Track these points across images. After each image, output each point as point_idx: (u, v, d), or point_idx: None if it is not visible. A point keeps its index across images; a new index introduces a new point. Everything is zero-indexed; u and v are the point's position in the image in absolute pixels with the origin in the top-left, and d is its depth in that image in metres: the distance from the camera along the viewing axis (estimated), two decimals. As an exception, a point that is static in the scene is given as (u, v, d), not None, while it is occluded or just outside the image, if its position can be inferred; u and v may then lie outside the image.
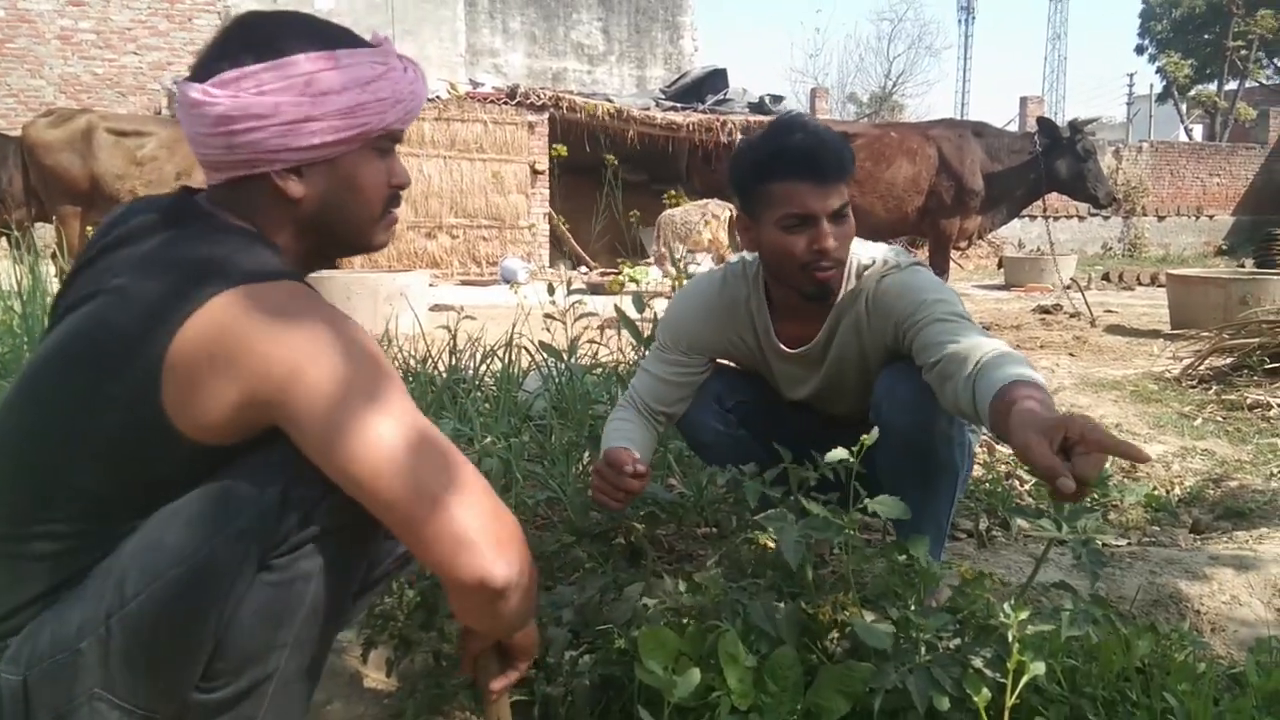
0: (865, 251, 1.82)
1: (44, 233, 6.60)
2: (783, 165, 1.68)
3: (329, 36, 1.11)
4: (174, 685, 0.99)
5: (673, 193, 4.48)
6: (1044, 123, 7.20)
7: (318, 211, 1.13)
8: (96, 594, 0.98)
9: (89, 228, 6.14)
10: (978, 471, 2.90)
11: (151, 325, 0.97)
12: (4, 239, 6.71)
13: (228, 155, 1.07)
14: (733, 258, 2.01)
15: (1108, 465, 3.34)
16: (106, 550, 1.01)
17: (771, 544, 1.54)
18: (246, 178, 1.09)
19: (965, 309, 1.70)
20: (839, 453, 1.41)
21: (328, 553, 1.03)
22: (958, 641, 1.27)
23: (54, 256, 5.59)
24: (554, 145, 3.45)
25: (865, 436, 1.53)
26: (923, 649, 1.25)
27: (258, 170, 1.08)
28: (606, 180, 3.32)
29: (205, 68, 1.08)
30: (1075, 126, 7.02)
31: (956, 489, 1.78)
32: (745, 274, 1.92)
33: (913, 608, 1.28)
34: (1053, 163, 6.92)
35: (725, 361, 2.06)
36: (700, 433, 2.04)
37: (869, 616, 1.29)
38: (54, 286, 4.07)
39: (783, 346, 1.90)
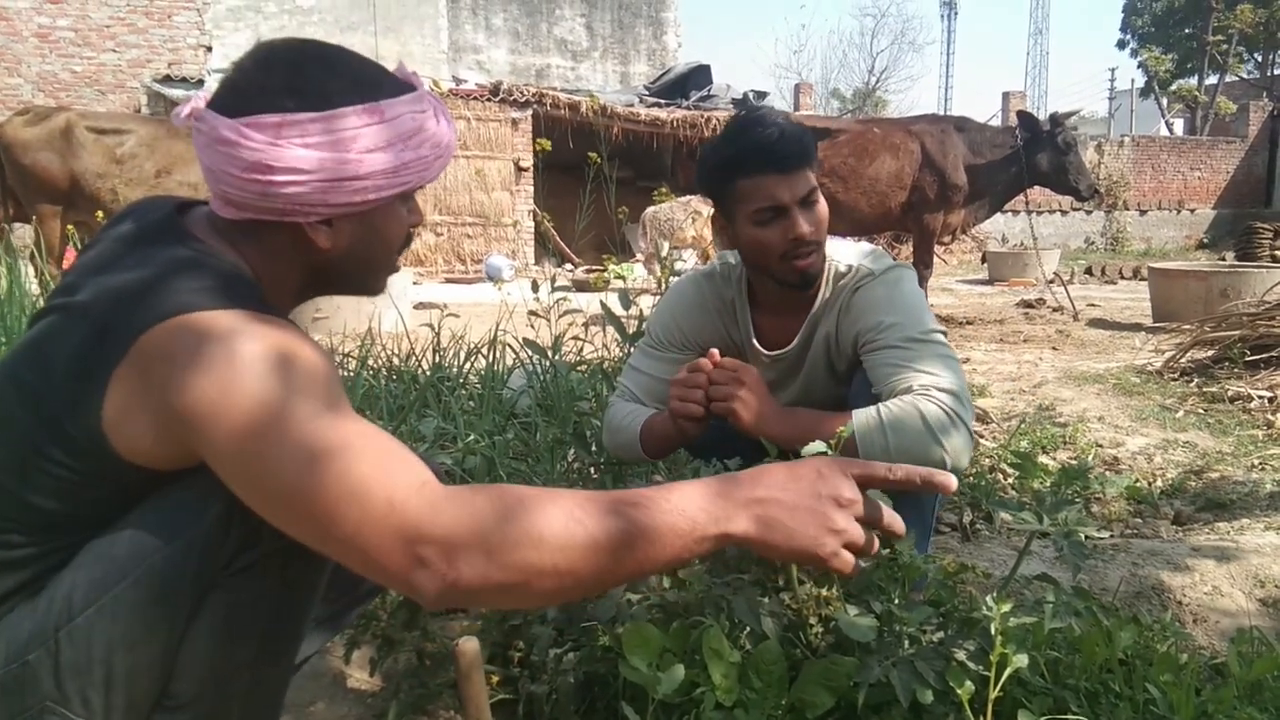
0: (843, 257, 1.82)
1: (22, 233, 6.55)
2: (746, 161, 1.71)
3: (372, 83, 1.06)
4: (131, 703, 0.97)
5: (663, 190, 4.47)
6: (1024, 116, 7.23)
7: (340, 259, 1.10)
8: (46, 606, 0.96)
9: (69, 226, 6.08)
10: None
11: (93, 358, 0.94)
12: (-18, 239, 6.65)
13: (259, 201, 1.02)
14: (716, 255, 2.02)
15: (1089, 458, 3.36)
16: (64, 561, 0.99)
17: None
18: (269, 221, 1.05)
19: (930, 322, 1.71)
20: (817, 445, 1.41)
21: (281, 570, 1.00)
22: (941, 635, 1.27)
23: (32, 257, 5.54)
24: (538, 140, 3.43)
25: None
26: (906, 642, 1.25)
27: (287, 219, 1.05)
28: (591, 177, 3.31)
29: (238, 102, 1.01)
30: (1055, 120, 7.06)
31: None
32: (729, 275, 1.93)
33: (896, 601, 1.28)
34: (1034, 156, 6.95)
35: None
36: None
37: (853, 610, 1.29)
38: (32, 287, 4.03)
39: (762, 350, 1.91)
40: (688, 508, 0.92)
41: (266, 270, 1.09)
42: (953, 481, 1.02)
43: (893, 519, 1.01)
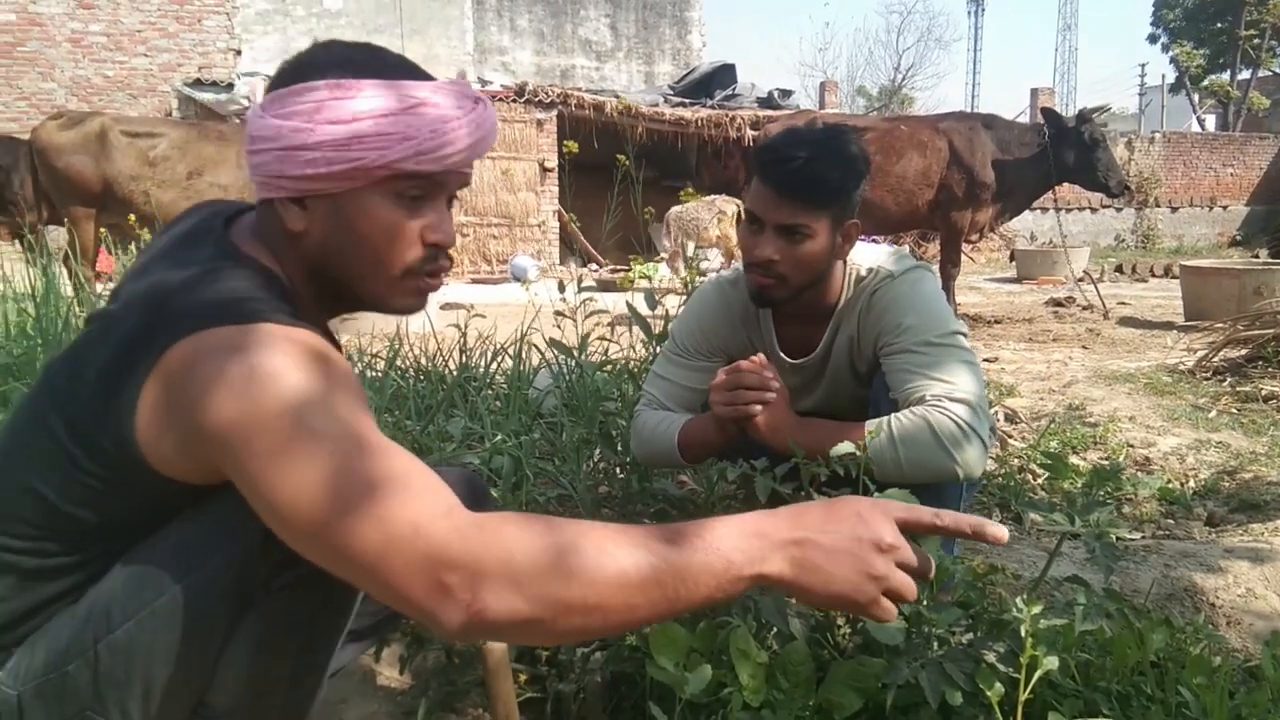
0: (865, 260, 1.81)
1: (56, 235, 6.65)
2: (761, 164, 1.72)
3: (370, 67, 1.03)
4: (168, 714, 0.98)
5: (689, 190, 4.46)
6: (1048, 113, 7.16)
7: (319, 253, 1.07)
8: (85, 617, 0.97)
9: (101, 229, 6.17)
10: (990, 466, 2.89)
11: (123, 371, 0.94)
12: (18, 242, 6.76)
13: (251, 175, 1.06)
14: (740, 255, 2.02)
15: (1120, 459, 3.32)
16: (102, 570, 1.00)
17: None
18: (265, 203, 1.07)
19: (949, 328, 1.69)
20: (846, 446, 1.41)
21: (319, 589, 0.99)
22: (970, 636, 1.26)
23: (66, 259, 5.63)
24: (565, 142, 3.43)
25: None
26: (935, 644, 1.24)
27: (267, 195, 1.06)
28: (618, 177, 3.31)
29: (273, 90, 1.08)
30: (1083, 116, 6.98)
31: (964, 487, 1.78)
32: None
33: (925, 603, 1.28)
34: (1061, 153, 6.87)
35: None
36: None
37: (881, 612, 1.29)
38: (66, 290, 4.09)
39: (784, 356, 1.90)
40: (723, 546, 0.89)
41: (285, 268, 1.08)
42: (1004, 534, 0.97)
43: (931, 567, 0.98)
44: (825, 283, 1.80)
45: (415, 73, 1.06)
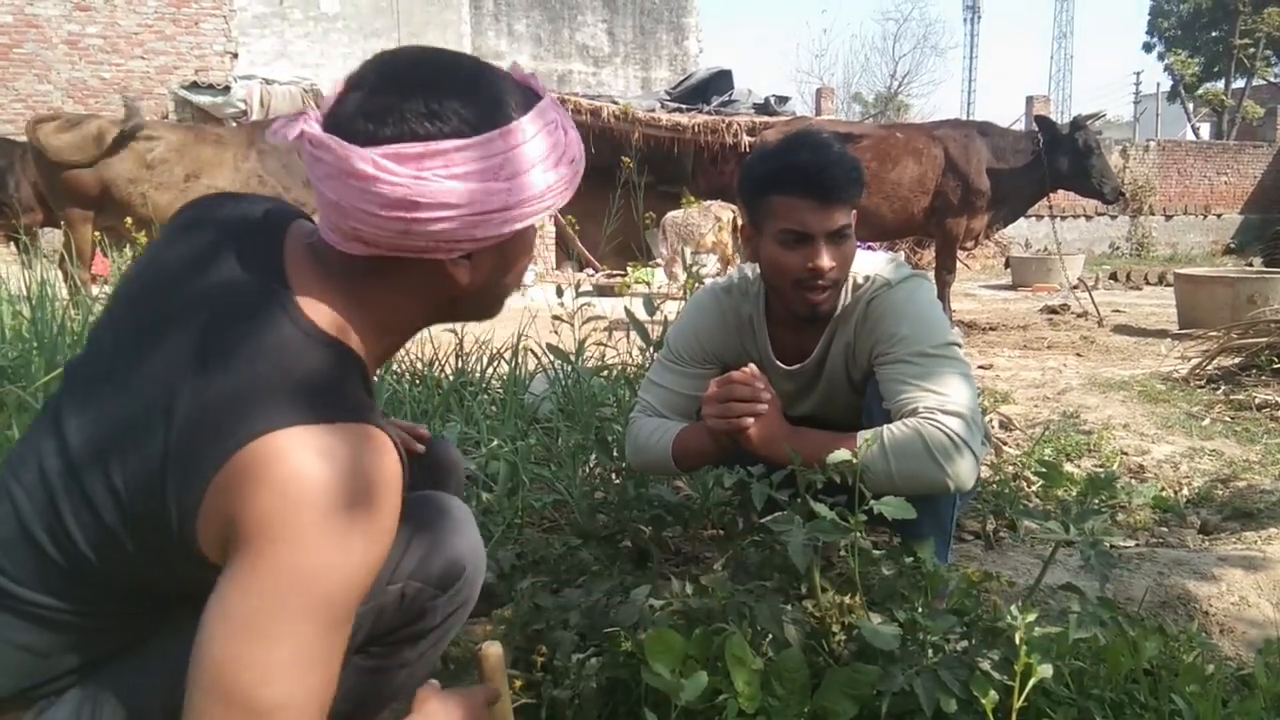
0: (862, 267, 1.81)
1: (52, 237, 6.64)
2: (787, 180, 1.69)
3: (508, 99, 0.95)
4: None
5: (690, 197, 4.49)
6: (1042, 121, 7.20)
7: (475, 292, 1.01)
8: (164, 681, 0.92)
9: (97, 233, 6.16)
10: (985, 473, 2.89)
11: (191, 463, 0.86)
12: (13, 244, 6.75)
13: (397, 239, 0.92)
14: (737, 262, 2.02)
15: (1114, 466, 3.33)
16: (141, 630, 0.98)
17: (778, 546, 1.55)
18: (401, 259, 0.95)
19: (944, 338, 1.70)
20: (842, 454, 1.41)
21: (429, 643, 1.11)
22: (965, 644, 1.27)
23: (62, 261, 5.62)
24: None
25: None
26: (930, 651, 1.25)
27: (426, 256, 0.95)
28: (621, 181, 3.31)
29: (369, 127, 0.90)
30: (1078, 123, 7.01)
31: (957, 496, 1.78)
32: (748, 289, 1.93)
33: (920, 610, 1.28)
34: (1055, 160, 6.90)
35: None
36: None
37: (876, 619, 1.29)
38: (62, 291, 4.08)
39: (779, 363, 1.90)
40: None
41: (386, 311, 1.00)
42: None
43: None
44: None
45: (528, 91, 0.99)
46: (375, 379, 1.15)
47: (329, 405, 0.87)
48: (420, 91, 0.91)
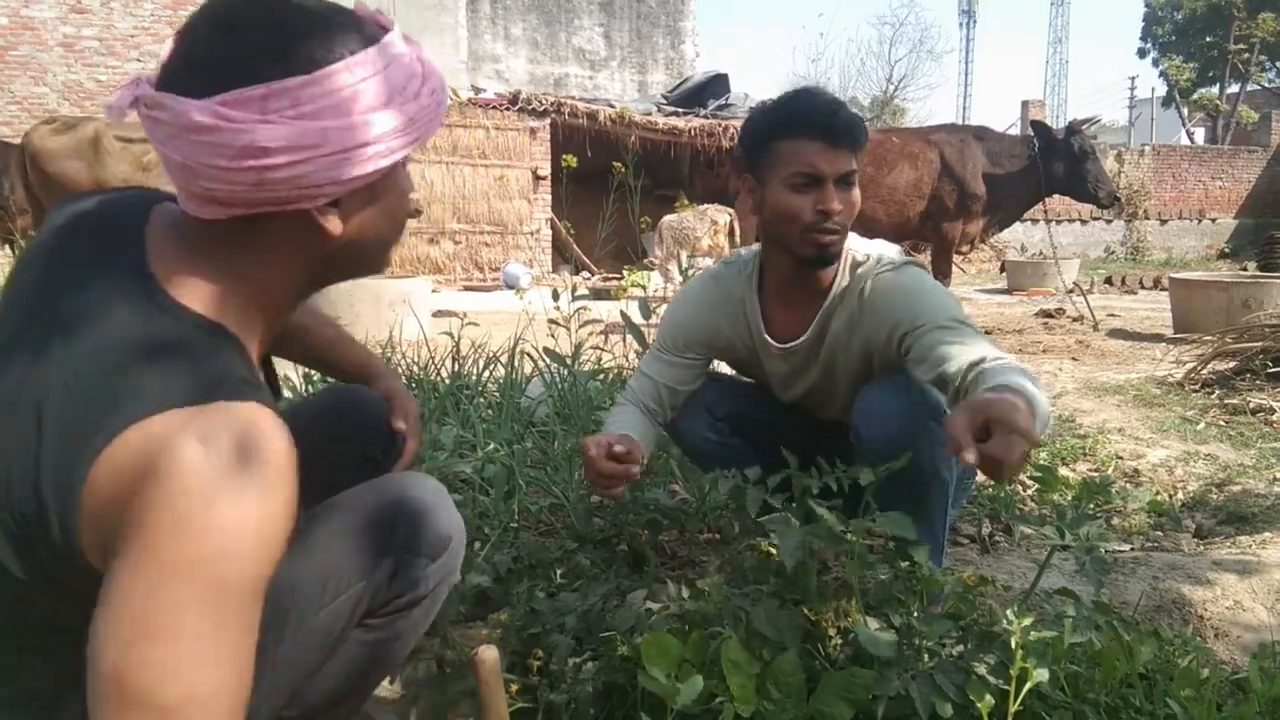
0: (861, 247, 1.81)
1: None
2: (796, 123, 1.69)
3: (353, 30, 0.90)
4: None
5: (685, 201, 4.50)
6: (1038, 125, 7.23)
7: (350, 244, 0.95)
8: None
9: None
10: (981, 477, 2.89)
11: (64, 463, 0.80)
12: (7, 246, 6.74)
13: (253, 193, 0.86)
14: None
15: (1109, 470, 3.34)
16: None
17: (774, 550, 1.55)
18: (264, 214, 0.89)
19: (964, 312, 1.70)
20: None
21: (420, 611, 1.16)
22: (961, 648, 1.27)
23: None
24: (564, 156, 3.45)
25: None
26: (925, 656, 1.25)
27: (289, 207, 0.89)
28: (614, 185, 3.32)
29: (205, 77, 0.84)
30: (1073, 128, 7.04)
31: (948, 500, 1.78)
32: (740, 271, 1.91)
33: (916, 614, 1.28)
34: (1051, 164, 6.93)
35: (723, 371, 2.07)
36: (692, 441, 2.06)
37: (872, 623, 1.29)
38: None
39: (772, 342, 1.88)
40: None
41: (261, 277, 0.93)
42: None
43: None
44: None
45: (372, 23, 0.94)
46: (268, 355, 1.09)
47: (201, 386, 0.82)
48: (257, 31, 0.86)
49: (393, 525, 1.14)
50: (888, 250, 1.84)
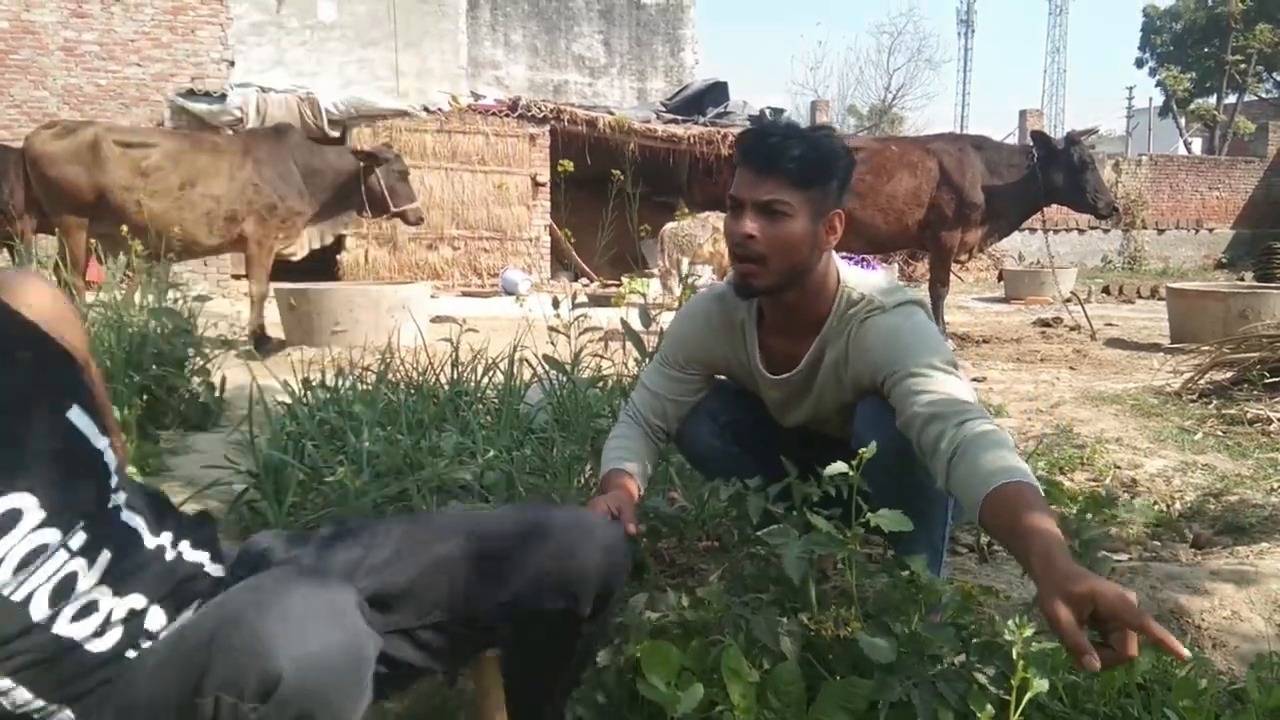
0: (858, 286, 1.80)
1: (46, 244, 6.62)
2: (740, 151, 1.74)
3: None
4: None
5: (684, 209, 4.51)
6: (1038, 136, 7.26)
7: None
8: None
9: (93, 240, 6.15)
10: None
11: None
12: (6, 250, 6.73)
13: None
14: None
15: (1107, 480, 3.34)
16: None
17: (774, 559, 1.55)
18: None
19: (948, 357, 1.68)
20: (839, 467, 1.42)
21: None
22: (962, 658, 1.27)
23: (56, 268, 5.60)
24: (560, 161, 3.45)
25: (864, 450, 1.54)
26: (927, 664, 1.25)
27: None
28: (613, 193, 3.33)
29: None
30: (1072, 138, 7.07)
31: (948, 511, 1.78)
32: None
33: (916, 623, 1.29)
34: (1050, 174, 6.95)
35: (724, 378, 2.07)
36: (695, 448, 2.06)
37: (872, 632, 1.30)
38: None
39: (766, 373, 1.90)
40: None
41: None
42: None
43: None
44: (812, 287, 1.77)
45: None
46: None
47: None
48: None
49: (208, 654, 0.91)
50: (884, 283, 1.83)
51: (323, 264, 10.82)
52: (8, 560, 0.97)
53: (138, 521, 1.11)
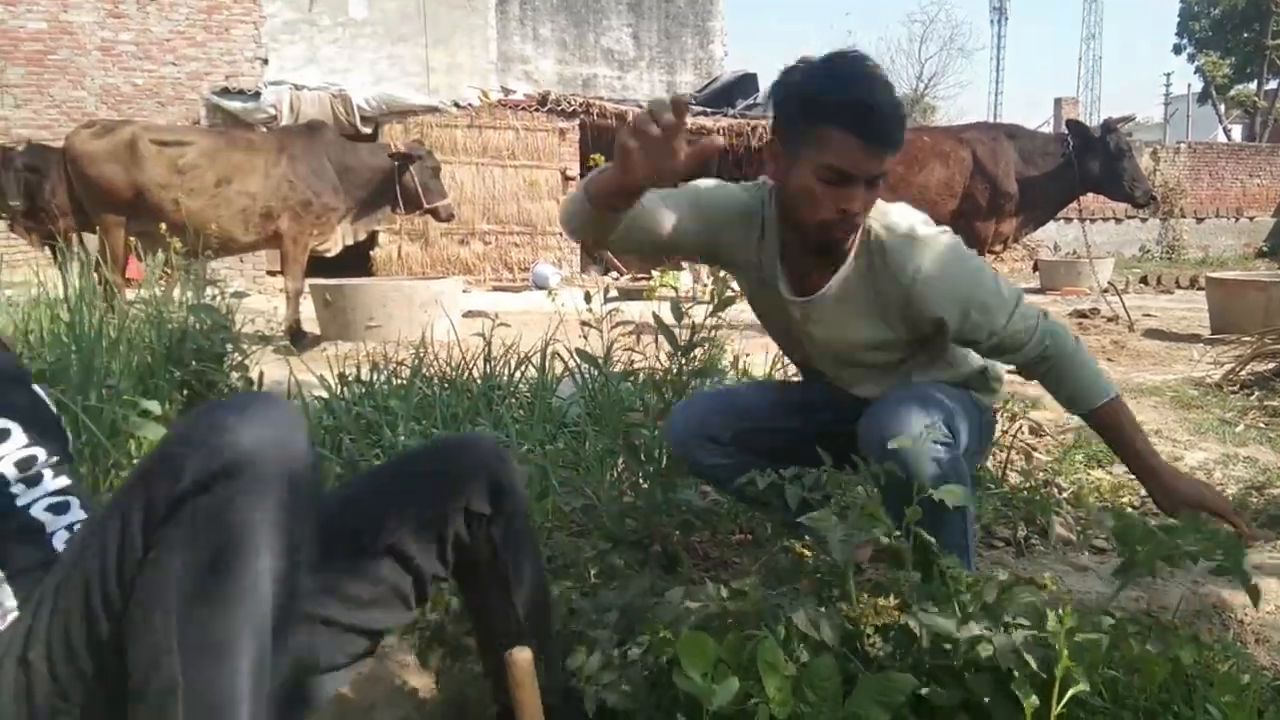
0: (888, 210, 1.79)
1: (88, 242, 6.73)
2: (843, 115, 1.57)
3: None
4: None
5: None
6: (1074, 124, 7.16)
7: None
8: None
9: (132, 238, 6.25)
10: (1015, 479, 2.88)
11: None
12: (49, 248, 6.86)
13: None
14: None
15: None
16: None
17: (808, 552, 1.55)
18: None
19: (991, 272, 1.85)
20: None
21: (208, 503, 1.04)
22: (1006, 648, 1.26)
23: (97, 265, 5.70)
24: (591, 155, 3.46)
25: (894, 440, 1.53)
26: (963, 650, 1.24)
27: None
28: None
29: None
30: (1108, 126, 6.96)
31: (966, 516, 1.75)
32: (769, 210, 1.82)
33: (957, 613, 1.28)
34: (1086, 163, 6.85)
35: (721, 388, 2.06)
36: (704, 472, 2.05)
37: (912, 623, 1.29)
38: (100, 294, 4.14)
39: (785, 294, 1.83)
40: None
41: None
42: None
43: None
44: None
45: None
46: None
47: None
48: None
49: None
50: (909, 213, 1.84)
51: (356, 260, 10.91)
52: None
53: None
